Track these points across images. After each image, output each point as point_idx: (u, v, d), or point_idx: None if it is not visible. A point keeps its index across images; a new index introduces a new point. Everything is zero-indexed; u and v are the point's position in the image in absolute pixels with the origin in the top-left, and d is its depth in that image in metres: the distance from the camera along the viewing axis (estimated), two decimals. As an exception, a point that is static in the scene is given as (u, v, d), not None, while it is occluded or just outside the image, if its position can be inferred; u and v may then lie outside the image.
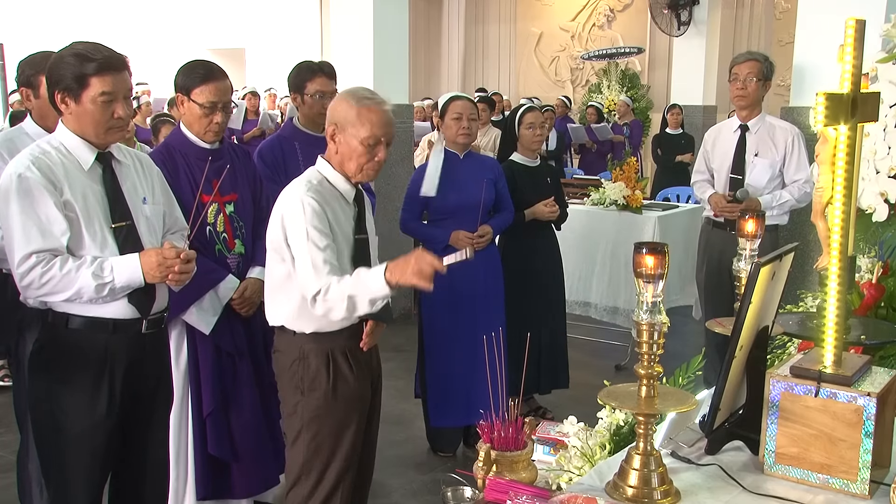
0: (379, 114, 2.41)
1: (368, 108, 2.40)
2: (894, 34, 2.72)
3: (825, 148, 2.08)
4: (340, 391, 2.46)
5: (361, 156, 2.41)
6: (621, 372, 5.24)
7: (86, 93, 2.24)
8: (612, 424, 1.88)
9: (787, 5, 11.13)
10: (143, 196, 2.44)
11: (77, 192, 2.27)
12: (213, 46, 13.54)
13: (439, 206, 3.85)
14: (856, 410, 1.51)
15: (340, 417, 2.47)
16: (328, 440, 2.46)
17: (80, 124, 2.29)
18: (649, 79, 13.02)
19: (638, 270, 1.47)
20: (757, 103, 4.10)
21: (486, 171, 3.90)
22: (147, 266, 2.28)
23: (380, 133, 2.40)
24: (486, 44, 14.61)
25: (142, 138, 6.45)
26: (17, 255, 2.20)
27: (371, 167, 2.44)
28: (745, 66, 4.03)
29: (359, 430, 2.52)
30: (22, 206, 2.20)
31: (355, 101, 2.41)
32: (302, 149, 3.52)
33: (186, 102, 2.90)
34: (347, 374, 2.47)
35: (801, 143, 4.05)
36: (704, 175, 4.35)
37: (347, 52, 6.11)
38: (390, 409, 4.53)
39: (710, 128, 4.53)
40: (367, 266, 2.41)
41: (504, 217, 3.98)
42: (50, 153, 2.27)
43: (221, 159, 2.98)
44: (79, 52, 2.24)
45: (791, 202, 4.04)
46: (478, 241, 3.79)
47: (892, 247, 2.54)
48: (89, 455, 2.35)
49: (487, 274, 3.90)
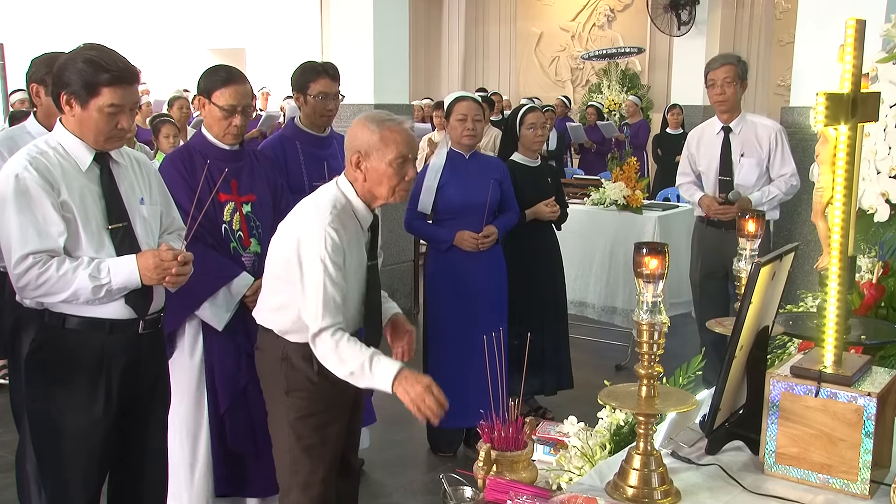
0: (402, 132, 2.40)
1: (390, 128, 2.39)
2: (894, 34, 2.72)
3: (825, 148, 2.08)
4: (325, 391, 2.43)
5: (392, 178, 2.39)
6: (621, 372, 5.24)
7: (94, 101, 2.24)
8: (612, 424, 1.88)
9: (787, 5, 11.13)
10: (141, 197, 2.43)
11: (74, 192, 2.26)
12: (213, 46, 13.55)
13: (444, 206, 3.84)
14: (856, 410, 1.51)
15: (326, 418, 2.46)
16: (315, 441, 2.45)
17: (80, 129, 2.28)
18: (649, 79, 13.02)
19: (638, 270, 1.47)
20: (737, 105, 4.15)
21: (492, 172, 3.90)
22: (144, 268, 2.27)
23: (406, 151, 2.39)
24: (486, 44, 14.61)
25: (142, 139, 6.45)
26: (15, 255, 2.20)
27: (403, 187, 2.43)
28: (720, 72, 4.07)
29: (342, 429, 2.52)
30: (19, 206, 2.19)
31: (376, 126, 2.39)
32: (304, 149, 3.53)
33: (207, 105, 2.94)
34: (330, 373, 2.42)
35: (784, 139, 4.12)
36: (690, 177, 4.39)
37: (347, 52, 6.11)
38: (390, 409, 4.52)
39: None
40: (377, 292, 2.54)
41: (509, 217, 3.97)
42: (47, 153, 2.27)
43: (241, 161, 3.02)
44: (93, 60, 2.23)
45: (780, 196, 4.10)
46: (482, 242, 3.79)
47: (892, 247, 2.54)
48: (86, 455, 2.35)
49: (492, 275, 3.90)
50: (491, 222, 3.85)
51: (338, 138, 3.73)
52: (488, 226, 3.82)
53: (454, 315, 3.84)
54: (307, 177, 3.51)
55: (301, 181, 3.49)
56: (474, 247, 3.79)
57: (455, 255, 3.83)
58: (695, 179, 4.36)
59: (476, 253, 3.81)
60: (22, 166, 2.21)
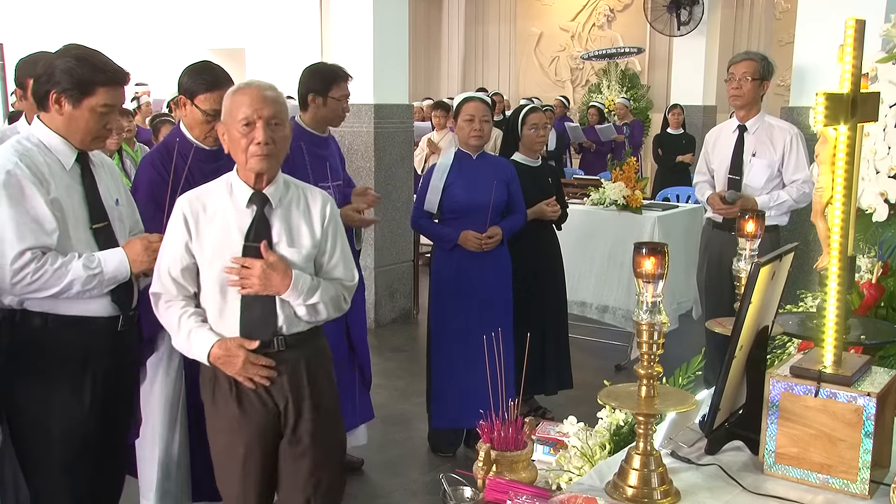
0: (248, 94, 2.25)
1: (239, 91, 2.27)
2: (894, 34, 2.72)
3: (825, 148, 2.07)
4: (242, 416, 2.33)
5: (239, 143, 2.24)
6: (621, 372, 5.24)
7: (88, 100, 2.25)
8: (612, 424, 1.88)
9: (787, 5, 11.13)
10: (116, 198, 2.45)
11: (62, 191, 2.26)
12: (213, 46, 13.53)
13: (450, 205, 3.86)
14: (856, 410, 1.51)
15: (244, 441, 2.34)
16: (230, 461, 2.37)
17: (68, 127, 2.28)
18: (649, 79, 13.02)
19: (638, 270, 1.47)
20: (754, 103, 4.09)
21: (500, 173, 3.91)
22: (133, 254, 2.32)
23: (251, 113, 2.22)
24: (486, 44, 14.61)
25: (142, 139, 6.44)
26: (11, 252, 2.17)
27: (252, 152, 2.23)
28: (741, 66, 4.02)
29: (261, 460, 2.36)
30: (14, 202, 2.17)
31: (230, 93, 2.30)
32: (308, 149, 3.54)
33: (189, 106, 2.89)
34: (254, 398, 2.33)
35: (800, 143, 4.03)
36: (705, 176, 4.35)
37: (347, 52, 6.11)
38: (390, 410, 4.54)
39: (710, 128, 4.54)
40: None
41: (516, 219, 3.97)
42: (32, 150, 2.26)
43: (220, 160, 2.98)
44: (87, 59, 2.25)
45: (789, 202, 4.02)
46: (486, 242, 3.80)
47: (892, 247, 2.53)
48: (72, 454, 2.34)
49: (497, 275, 3.91)
50: (497, 223, 3.86)
51: (333, 139, 3.75)
52: (493, 226, 3.83)
53: (458, 315, 3.85)
54: (312, 177, 3.52)
55: (307, 181, 3.50)
56: (478, 247, 3.80)
57: (460, 254, 3.85)
58: (709, 179, 4.32)
59: (482, 253, 3.83)
60: (12, 162, 2.20)
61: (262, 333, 2.29)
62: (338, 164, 3.70)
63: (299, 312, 2.32)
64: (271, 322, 2.30)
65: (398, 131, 6.35)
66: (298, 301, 2.29)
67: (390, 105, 6.23)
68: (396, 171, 6.28)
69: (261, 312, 2.28)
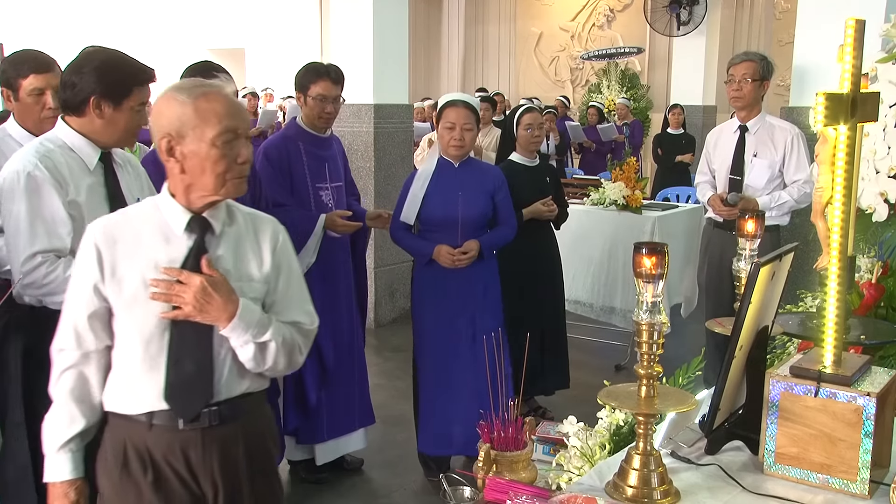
0: (223, 100, 1.77)
1: (207, 96, 1.75)
2: (894, 34, 2.72)
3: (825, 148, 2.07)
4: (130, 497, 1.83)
5: (218, 162, 1.75)
6: (621, 372, 5.24)
7: (127, 101, 2.31)
8: (612, 424, 1.88)
9: (787, 5, 11.13)
10: (137, 197, 2.46)
11: (83, 192, 2.29)
12: (213, 46, 13.53)
13: (427, 216, 3.54)
14: (855, 410, 1.51)
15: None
16: None
17: (105, 129, 2.31)
18: (649, 79, 13.02)
19: (638, 270, 1.47)
20: (755, 104, 4.08)
21: (485, 183, 3.56)
22: None
23: (233, 123, 1.76)
24: (486, 44, 14.61)
25: (142, 139, 6.43)
26: (23, 253, 2.21)
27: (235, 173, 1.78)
28: (740, 67, 4.02)
29: None
30: (30, 204, 2.21)
31: (187, 96, 1.74)
32: (306, 149, 3.54)
33: None
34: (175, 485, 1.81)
35: (801, 144, 4.03)
36: (707, 177, 4.34)
37: (347, 52, 6.11)
38: (390, 410, 4.53)
39: (710, 128, 4.54)
40: None
41: (501, 232, 3.63)
42: (54, 152, 2.29)
43: None
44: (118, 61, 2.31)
45: (790, 203, 4.02)
46: (458, 259, 3.46)
47: (891, 247, 2.53)
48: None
49: (481, 289, 3.58)
50: (477, 237, 3.52)
51: (336, 140, 3.74)
52: (468, 241, 3.48)
53: (439, 334, 3.55)
54: (310, 177, 3.53)
55: (304, 182, 3.51)
56: (451, 263, 3.45)
57: (439, 268, 3.50)
58: (710, 179, 4.31)
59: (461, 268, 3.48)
60: (32, 164, 2.23)
61: (194, 402, 1.79)
62: (339, 166, 3.68)
63: (244, 356, 1.81)
64: (206, 383, 1.79)
65: (398, 131, 6.35)
66: (246, 337, 1.78)
67: (390, 105, 6.23)
68: (396, 171, 6.28)
69: (194, 369, 1.78)
